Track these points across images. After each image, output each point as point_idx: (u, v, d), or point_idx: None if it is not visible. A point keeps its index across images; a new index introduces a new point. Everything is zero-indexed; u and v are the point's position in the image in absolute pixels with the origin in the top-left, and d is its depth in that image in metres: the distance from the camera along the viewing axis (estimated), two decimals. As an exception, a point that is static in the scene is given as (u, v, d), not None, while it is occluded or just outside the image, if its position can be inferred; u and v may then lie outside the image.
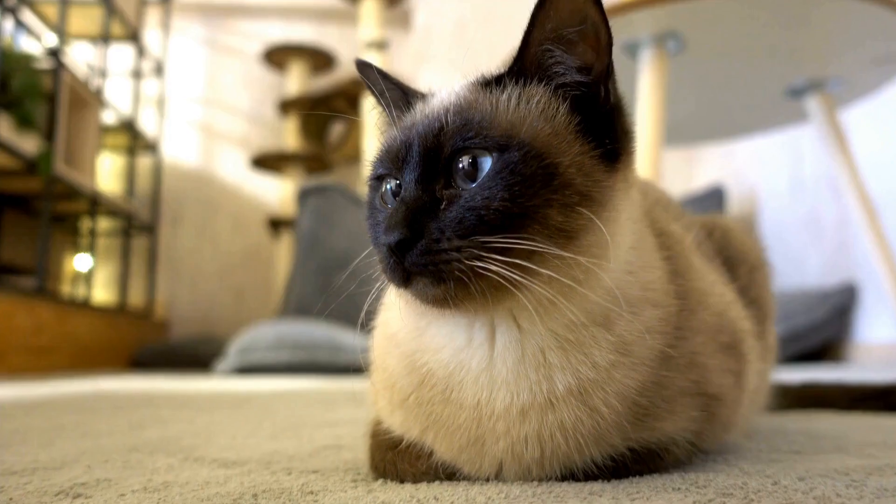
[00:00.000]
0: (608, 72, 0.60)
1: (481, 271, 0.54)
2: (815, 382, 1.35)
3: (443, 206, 0.57)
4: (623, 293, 0.61)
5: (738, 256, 0.90)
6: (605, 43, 0.59)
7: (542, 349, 0.60)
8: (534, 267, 0.55)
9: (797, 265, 3.97)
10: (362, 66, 0.70)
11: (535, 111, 0.60)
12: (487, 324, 0.61)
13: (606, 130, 0.60)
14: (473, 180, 0.57)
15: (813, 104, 2.47)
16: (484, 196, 0.56)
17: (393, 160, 0.62)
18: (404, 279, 0.57)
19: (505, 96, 0.61)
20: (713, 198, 4.39)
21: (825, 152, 2.58)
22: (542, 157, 0.57)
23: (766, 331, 0.89)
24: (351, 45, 5.11)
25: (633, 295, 0.62)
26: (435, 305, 0.58)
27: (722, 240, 0.91)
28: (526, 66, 0.62)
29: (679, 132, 2.98)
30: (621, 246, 0.61)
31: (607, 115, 0.61)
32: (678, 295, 0.66)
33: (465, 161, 0.58)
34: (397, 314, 0.68)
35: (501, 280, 0.54)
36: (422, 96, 0.68)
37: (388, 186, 0.63)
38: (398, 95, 0.69)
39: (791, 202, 4.10)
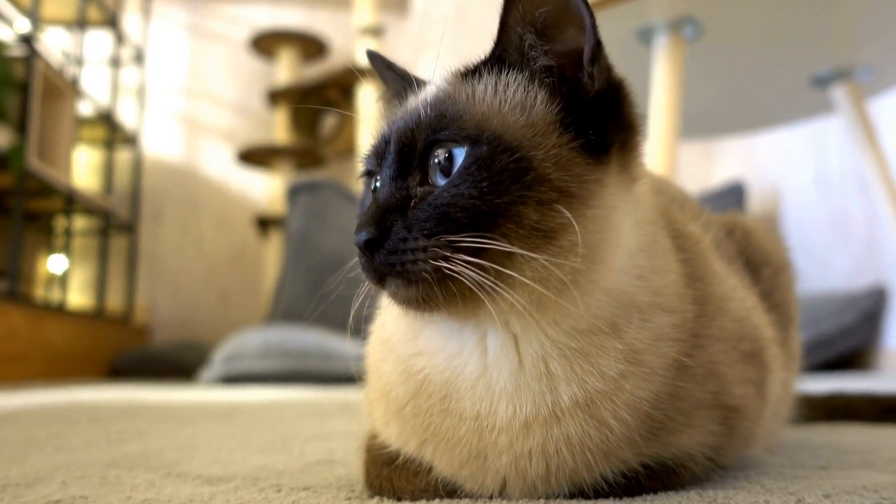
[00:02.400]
0: (593, 55, 0.59)
1: (447, 272, 0.55)
2: (842, 392, 1.35)
3: (412, 204, 0.58)
4: (631, 299, 0.60)
5: (759, 258, 0.90)
6: (587, 24, 0.59)
7: (542, 358, 0.59)
8: (504, 270, 0.55)
9: (823, 267, 3.97)
10: (372, 57, 0.72)
11: (510, 101, 0.60)
12: (478, 329, 0.61)
13: (592, 120, 0.59)
14: (448, 176, 0.58)
15: (839, 94, 2.47)
16: (452, 193, 0.56)
17: (375, 156, 0.64)
18: (378, 279, 0.58)
19: (482, 86, 0.62)
20: (733, 195, 4.39)
21: (852, 146, 2.58)
22: (513, 151, 0.57)
23: (789, 338, 0.89)
24: (344, 31, 5.12)
25: (642, 300, 0.61)
26: (409, 307, 0.59)
27: (742, 240, 0.91)
28: (504, 52, 0.62)
29: (696, 124, 2.98)
30: (621, 247, 0.60)
31: (594, 103, 0.60)
32: (695, 300, 0.65)
33: (440, 156, 0.59)
34: (392, 317, 0.68)
35: (468, 283, 0.55)
36: (416, 89, 0.68)
37: (376, 183, 0.64)
38: (400, 87, 0.70)
39: (816, 199, 4.10)
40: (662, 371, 0.61)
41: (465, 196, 0.56)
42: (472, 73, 0.63)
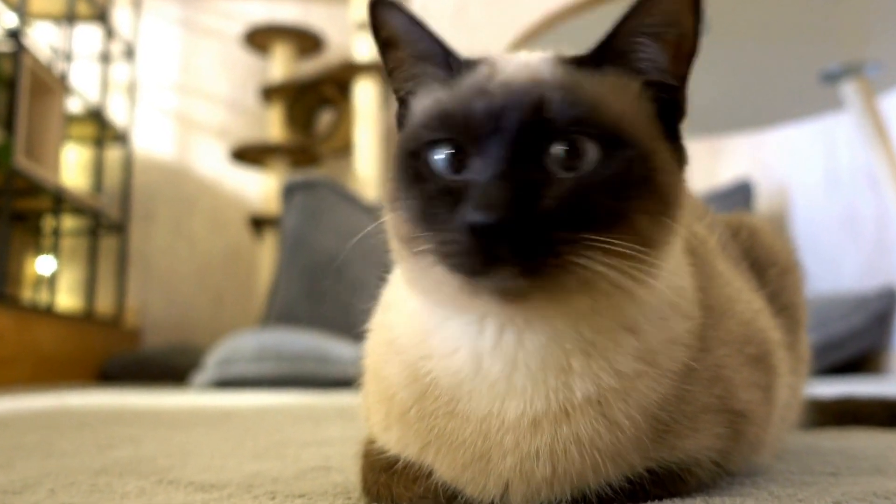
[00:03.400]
0: (684, 82, 0.64)
1: (581, 269, 0.55)
2: (852, 396, 1.35)
3: (546, 191, 0.56)
4: (656, 299, 0.62)
5: (766, 259, 0.90)
6: (691, 52, 0.63)
7: (566, 353, 0.60)
8: (622, 273, 0.56)
9: (832, 267, 3.97)
10: (384, 5, 0.65)
11: (633, 104, 0.62)
12: (501, 324, 0.61)
13: (678, 138, 0.64)
14: (570, 168, 0.57)
15: (849, 90, 2.47)
16: (592, 189, 0.56)
17: (464, 128, 0.59)
18: (483, 265, 0.55)
19: (604, 82, 0.62)
20: (739, 193, 4.39)
21: (863, 143, 2.58)
22: (646, 158, 0.59)
23: (797, 340, 0.89)
24: (341, 25, 5.12)
25: (663, 301, 0.63)
26: (506, 299, 0.57)
27: (749, 240, 0.91)
28: (617, 55, 0.62)
29: (702, 121, 2.98)
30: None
31: (677, 117, 0.64)
32: (702, 303, 0.66)
33: (566, 145, 0.57)
34: (401, 315, 0.67)
35: (599, 281, 0.56)
36: (471, 60, 0.65)
37: (441, 156, 0.60)
38: (433, 50, 0.65)
39: (825, 198, 4.10)
40: (672, 374, 0.62)
41: (603, 195, 0.56)
42: (578, 64, 0.63)
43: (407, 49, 0.66)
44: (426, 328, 0.65)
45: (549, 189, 0.56)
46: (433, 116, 0.62)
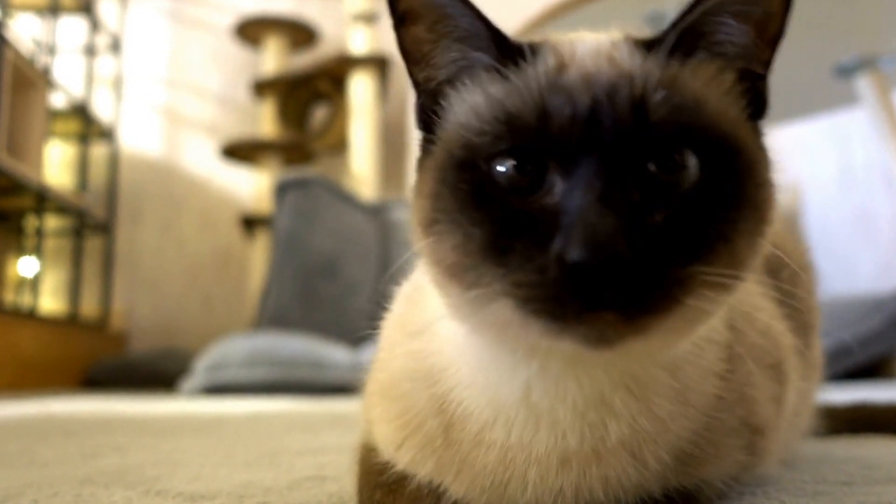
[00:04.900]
0: (768, 70, 0.58)
1: (690, 310, 0.49)
2: (867, 403, 1.35)
3: (651, 218, 0.48)
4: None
5: (777, 259, 0.90)
6: (777, 34, 0.56)
7: (613, 388, 0.57)
8: (721, 306, 0.52)
9: (847, 268, 3.98)
10: None
11: (730, 101, 0.55)
12: (550, 359, 0.56)
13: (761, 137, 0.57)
14: (670, 184, 0.50)
15: (864, 84, 2.47)
16: (699, 211, 0.49)
17: (540, 136, 0.50)
18: (580, 311, 0.47)
19: (703, 74, 0.54)
20: (750, 191, 4.39)
21: (878, 139, 2.58)
22: (752, 170, 0.52)
23: (809, 345, 0.89)
24: (335, 17, 5.12)
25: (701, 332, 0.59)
26: (596, 347, 0.48)
27: None
28: (694, 37, 0.54)
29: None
30: None
31: (760, 119, 0.58)
32: (726, 320, 0.64)
33: (669, 157, 0.50)
34: (435, 343, 0.62)
35: (704, 321, 0.52)
36: (529, 43, 0.55)
37: (509, 171, 0.51)
38: (475, 29, 0.55)
39: (839, 196, 4.10)
40: (703, 408, 0.61)
41: (708, 216, 0.50)
42: (662, 50, 0.53)
43: (438, 26, 0.55)
44: (467, 359, 0.60)
45: (654, 215, 0.49)
46: (490, 119, 0.52)
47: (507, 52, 0.54)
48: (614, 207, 0.47)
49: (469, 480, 0.61)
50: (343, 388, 2.99)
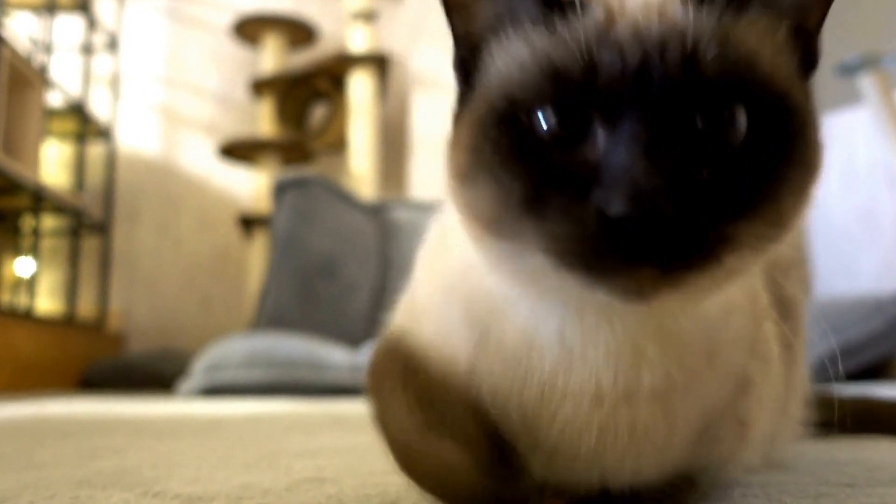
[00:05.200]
0: (820, 28, 0.57)
1: (729, 267, 0.49)
2: (871, 397, 1.34)
3: (699, 174, 0.48)
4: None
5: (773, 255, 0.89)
6: None
7: (645, 340, 0.57)
8: (755, 264, 0.53)
9: (849, 267, 3.98)
10: None
11: (784, 57, 0.53)
12: (609, 310, 0.56)
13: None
14: (720, 140, 0.49)
15: (867, 83, 2.48)
16: (748, 169, 0.49)
17: (586, 89, 0.49)
18: (620, 264, 0.47)
19: (756, 28, 0.52)
20: (752, 191, 4.40)
21: (881, 138, 2.59)
22: (805, 129, 0.52)
23: (792, 335, 0.89)
24: (334, 16, 5.11)
25: (729, 294, 0.59)
26: (634, 300, 0.49)
27: None
28: None
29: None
30: None
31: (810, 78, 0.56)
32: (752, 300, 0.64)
33: (720, 112, 0.49)
34: (479, 284, 0.60)
35: (741, 277, 0.53)
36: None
37: (551, 123, 0.50)
38: None
39: (842, 195, 4.10)
40: (728, 378, 0.62)
41: (757, 174, 0.49)
42: (716, 3, 0.52)
43: None
44: (500, 301, 0.59)
45: (701, 170, 0.48)
46: (535, 72, 0.51)
47: (554, 3, 0.53)
48: (659, 162, 0.47)
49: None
50: (342, 389, 3.00)
